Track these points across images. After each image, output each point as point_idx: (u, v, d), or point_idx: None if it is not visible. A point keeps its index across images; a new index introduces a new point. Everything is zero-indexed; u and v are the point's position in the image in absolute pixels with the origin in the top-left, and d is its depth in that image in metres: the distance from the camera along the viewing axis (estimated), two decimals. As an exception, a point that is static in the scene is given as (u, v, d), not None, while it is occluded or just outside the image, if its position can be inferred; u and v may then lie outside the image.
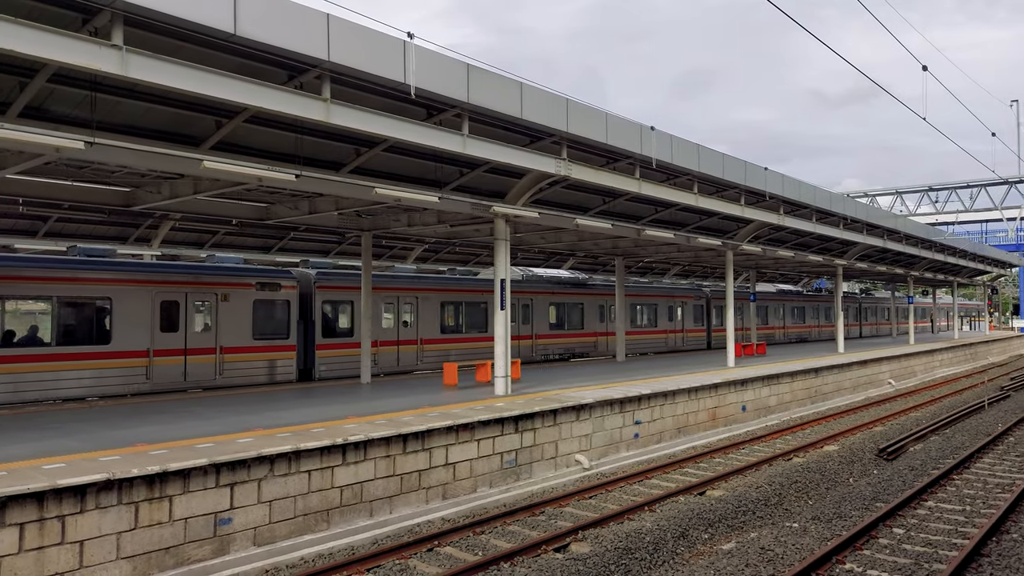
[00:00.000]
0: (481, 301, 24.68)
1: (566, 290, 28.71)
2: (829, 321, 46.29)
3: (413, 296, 22.59)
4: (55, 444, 9.61)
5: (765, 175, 19.02)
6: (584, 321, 29.18)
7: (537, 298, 27.08)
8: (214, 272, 18.38)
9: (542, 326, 27.28)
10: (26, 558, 7.19)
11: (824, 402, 23.17)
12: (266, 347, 18.89)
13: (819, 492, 12.37)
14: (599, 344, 29.83)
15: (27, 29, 7.07)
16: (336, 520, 9.73)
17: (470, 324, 24.53)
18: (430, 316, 23.18)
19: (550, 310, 27.73)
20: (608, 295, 29.59)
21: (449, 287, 24.09)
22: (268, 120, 11.09)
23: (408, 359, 22.33)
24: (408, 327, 22.51)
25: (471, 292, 24.54)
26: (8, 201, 14.72)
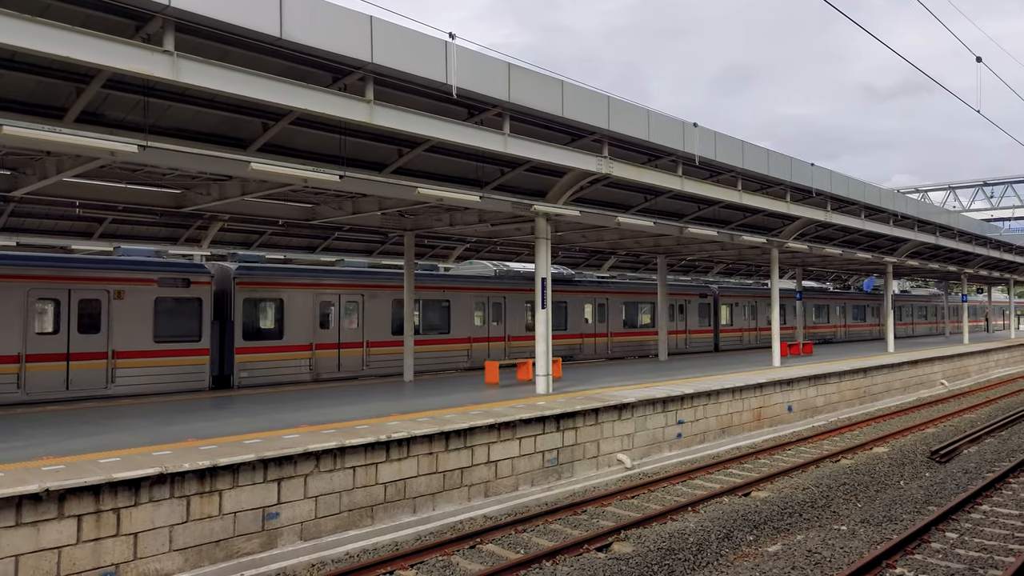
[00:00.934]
0: (443, 300, 22.77)
1: None
2: (857, 320, 44.29)
3: (358, 294, 20.61)
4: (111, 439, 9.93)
5: (812, 171, 18.67)
6: (568, 321, 26.73)
7: (512, 296, 25.01)
8: (105, 266, 16.53)
9: (517, 326, 25.07)
10: (84, 549, 7.44)
11: (873, 403, 22.64)
12: (171, 351, 16.90)
13: (868, 495, 12.10)
14: (585, 347, 27.42)
15: (84, 37, 7.32)
16: (380, 516, 9.85)
17: (428, 325, 22.51)
18: (378, 315, 20.97)
19: (527, 309, 25.48)
20: (597, 292, 27.98)
21: (400, 283, 21.12)
22: (313, 122, 11.29)
23: (351, 363, 20.23)
24: (356, 328, 20.53)
25: (430, 289, 22.45)
26: (65, 204, 15.23)
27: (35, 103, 9.68)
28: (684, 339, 31.80)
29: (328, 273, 20.51)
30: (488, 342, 24.06)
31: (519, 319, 25.10)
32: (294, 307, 19.18)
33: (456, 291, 23.02)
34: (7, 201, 14.79)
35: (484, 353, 23.49)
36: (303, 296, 19.37)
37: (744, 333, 35.50)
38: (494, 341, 24.24)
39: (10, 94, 9.48)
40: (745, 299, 35.97)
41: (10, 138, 8.46)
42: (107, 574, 7.55)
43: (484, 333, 24.03)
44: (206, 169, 11.79)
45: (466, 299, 23.34)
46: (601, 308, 28.24)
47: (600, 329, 28.14)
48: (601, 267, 31.66)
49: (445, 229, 18.52)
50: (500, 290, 24.55)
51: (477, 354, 23.40)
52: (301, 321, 19.21)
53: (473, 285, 23.77)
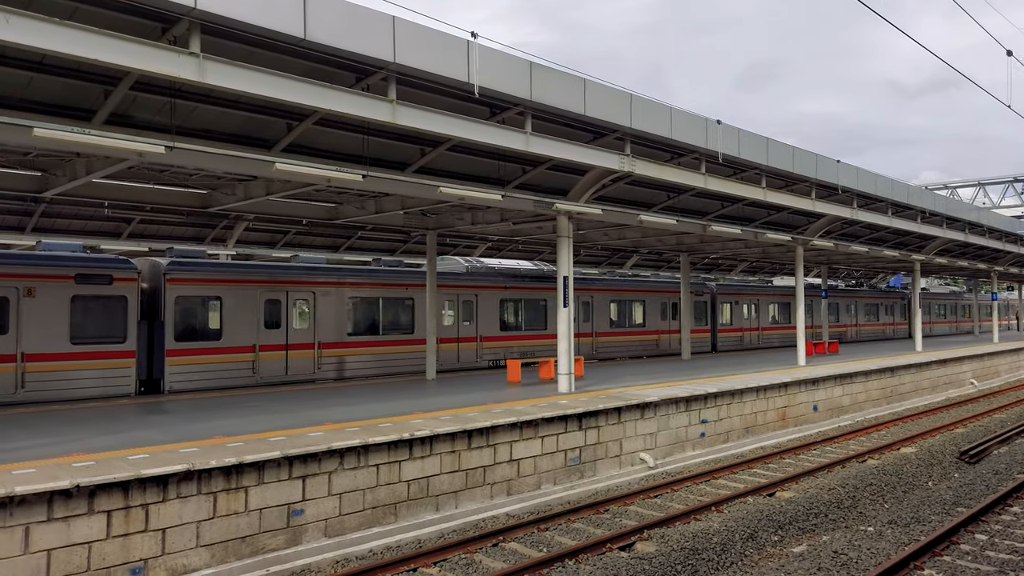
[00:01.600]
0: (406, 298, 21.26)
1: (524, 284, 24.65)
2: (870, 318, 42.32)
3: (309, 291, 19.25)
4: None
5: (837, 168, 18.45)
6: (548, 321, 24.94)
7: (485, 294, 23.29)
8: (13, 261, 15.29)
9: (489, 326, 23.38)
10: (113, 544, 7.56)
11: (901, 402, 22.32)
12: (91, 353, 15.60)
13: (896, 495, 11.94)
14: None
15: (112, 39, 7.43)
16: (403, 514, 9.91)
17: (391, 325, 20.92)
18: (333, 315, 19.65)
19: (502, 308, 23.97)
20: (581, 289, 26.14)
21: (358, 280, 20.30)
22: (336, 122, 11.36)
23: (301, 366, 18.88)
24: (307, 329, 19.14)
25: (392, 287, 21.05)
26: (95, 204, 15.47)
27: (64, 105, 9.84)
28: (678, 339, 29.52)
29: (275, 269, 19.15)
30: (458, 343, 22.47)
31: (492, 318, 23.36)
32: (235, 306, 17.76)
33: (422, 288, 20.92)
34: (38, 202, 15.07)
35: (453, 355, 22.20)
36: (246, 294, 18.00)
37: (745, 333, 33.70)
38: (465, 342, 22.65)
39: (40, 97, 9.65)
40: (747, 297, 34.02)
41: (41, 140, 8.61)
42: (136, 569, 7.67)
43: (453, 333, 22.43)
44: (231, 169, 11.92)
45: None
46: (585, 306, 26.48)
47: (584, 329, 26.22)
48: (623, 265, 31.54)
49: (467, 228, 18.56)
50: (471, 287, 22.91)
51: (445, 356, 21.83)
52: (243, 321, 17.81)
53: (442, 282, 21.73)
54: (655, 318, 29.14)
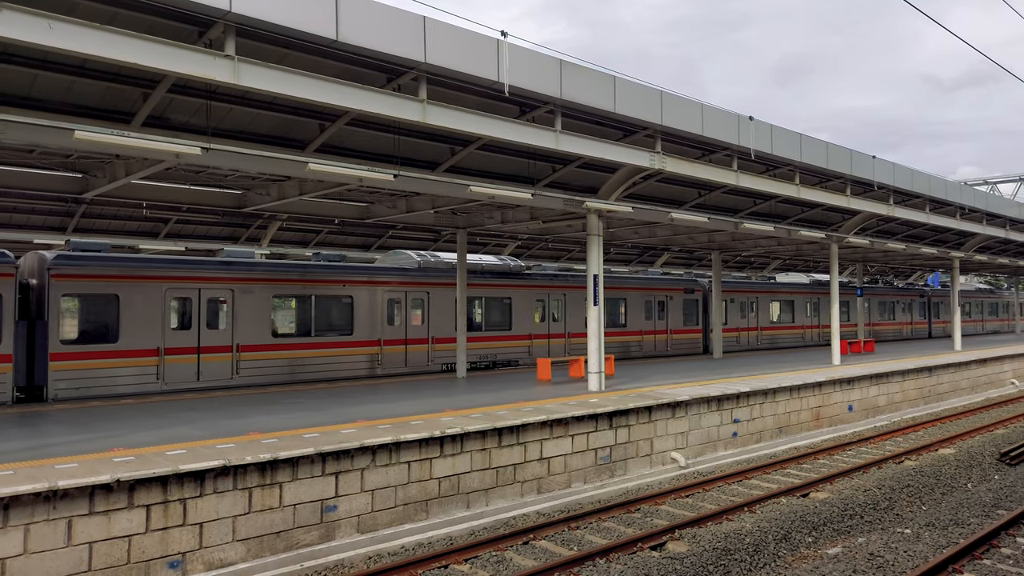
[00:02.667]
0: (344, 296, 19.34)
1: (486, 281, 22.40)
2: (886, 317, 39.68)
3: (227, 289, 17.30)
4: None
5: (873, 164, 18.15)
6: (512, 320, 22.88)
7: (438, 291, 21.15)
8: None
9: (444, 326, 21.19)
10: (152, 537, 7.73)
11: (939, 403, 21.88)
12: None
13: (934, 497, 11.72)
14: (535, 350, 23.31)
15: (150, 43, 7.59)
16: (435, 511, 9.97)
17: (325, 325, 19.02)
18: (254, 315, 17.69)
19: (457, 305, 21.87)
20: (554, 287, 24.14)
21: (286, 276, 18.46)
22: (368, 122, 11.48)
23: (215, 371, 16.98)
24: (224, 330, 17.22)
25: (327, 283, 19.10)
26: (133, 205, 15.81)
27: (104, 108, 10.08)
28: (665, 340, 27.70)
29: (186, 264, 17.23)
30: (406, 345, 20.41)
31: (446, 318, 21.21)
32: (135, 304, 15.87)
33: (362, 286, 19.62)
34: (79, 203, 15.44)
35: (399, 358, 20.23)
36: (147, 291, 16.13)
37: (742, 333, 30.90)
38: (414, 344, 20.62)
39: (81, 100, 9.90)
40: (745, 294, 31.28)
41: (81, 142, 8.83)
42: (174, 563, 7.83)
43: (400, 335, 20.32)
44: (266, 170, 12.09)
45: (375, 296, 19.83)
46: (558, 305, 24.48)
47: (556, 330, 24.22)
48: (654, 263, 31.36)
49: (497, 227, 18.60)
50: (422, 284, 20.82)
51: (390, 359, 20.02)
52: (145, 321, 15.95)
53: (386, 278, 20.17)
54: (637, 317, 26.83)
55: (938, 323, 44.20)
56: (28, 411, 12.91)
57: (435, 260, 21.65)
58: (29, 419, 11.76)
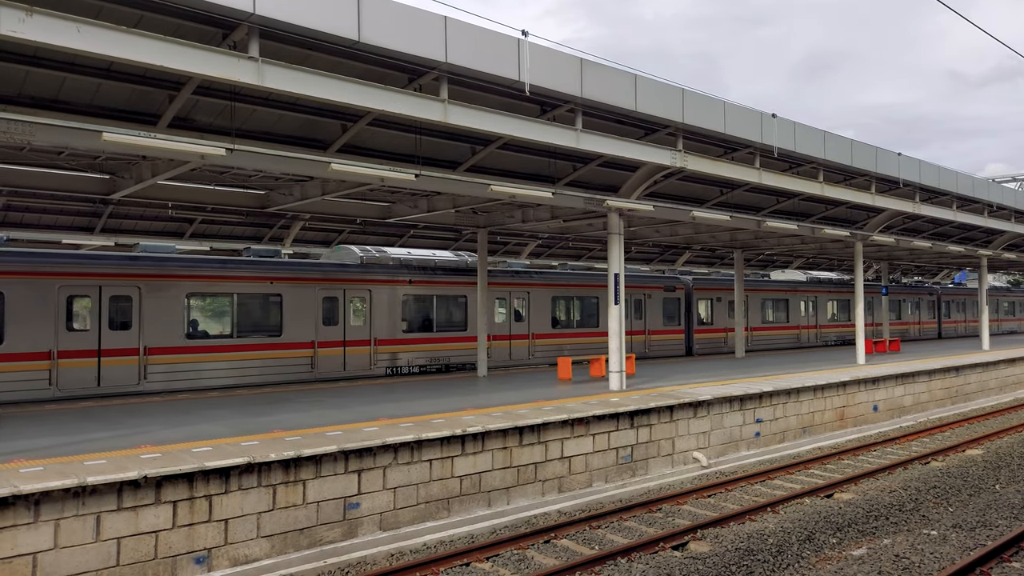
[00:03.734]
0: (272, 294, 17.87)
1: (437, 278, 20.91)
2: (891, 316, 36.26)
3: (133, 287, 16.04)
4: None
5: (898, 161, 17.92)
6: (469, 321, 21.31)
7: (380, 289, 19.65)
8: None
9: (387, 328, 19.67)
10: (179, 533, 7.84)
11: (966, 403, 21.56)
12: None
13: (961, 498, 11.55)
14: (494, 352, 21.55)
15: (175, 46, 7.70)
16: (456, 509, 10.01)
17: (250, 325, 17.59)
18: (164, 315, 16.26)
19: (405, 306, 20.25)
20: (516, 285, 22.51)
21: (203, 273, 17.05)
22: (389, 122, 11.54)
23: (118, 375, 15.60)
24: (131, 332, 15.86)
25: (254, 280, 17.74)
26: (158, 205, 16.03)
27: (131, 110, 10.24)
28: (643, 342, 25.91)
29: (83, 259, 15.89)
30: (343, 347, 18.84)
31: (391, 318, 19.77)
32: (24, 303, 14.61)
33: (293, 283, 18.11)
34: (106, 203, 15.69)
35: (336, 362, 18.69)
36: (38, 288, 14.84)
37: (729, 334, 29.03)
38: (354, 346, 19.02)
39: (108, 102, 10.06)
40: (730, 293, 29.17)
41: (109, 144, 8.97)
42: (200, 558, 7.94)
43: (337, 336, 18.78)
44: (289, 170, 12.21)
45: (308, 293, 18.31)
46: (521, 304, 22.89)
47: (519, 330, 22.62)
48: (675, 263, 31.19)
49: (517, 226, 18.61)
50: (364, 281, 19.35)
51: (325, 363, 18.50)
52: (35, 322, 14.67)
53: (322, 275, 18.73)
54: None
55: (949, 323, 42.13)
56: (51, 409, 13.14)
57: (380, 255, 20.23)
58: (56, 416, 11.97)
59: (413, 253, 21.14)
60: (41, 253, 15.71)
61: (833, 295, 34.63)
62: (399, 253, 20.84)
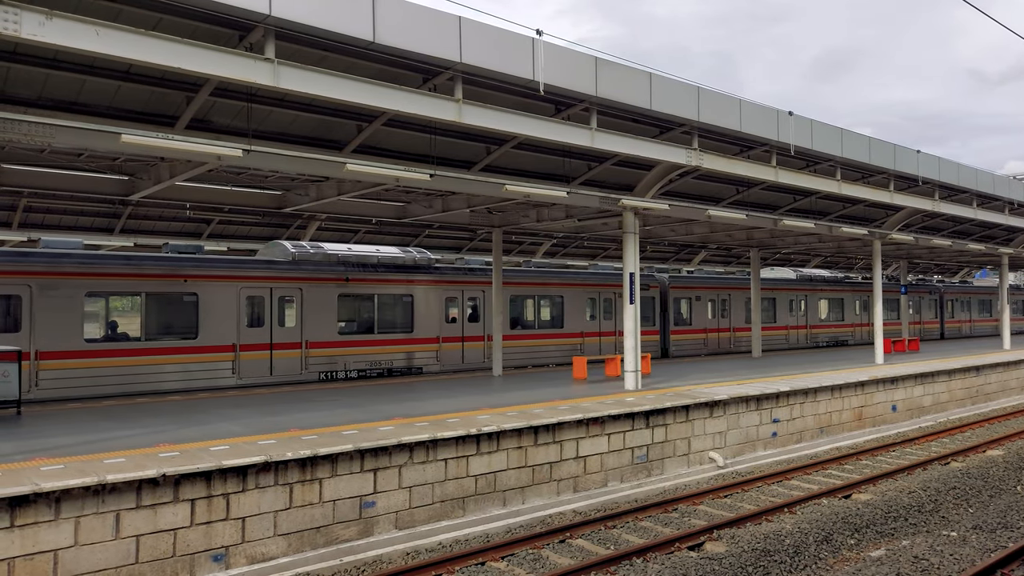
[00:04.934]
0: (186, 292, 16.53)
1: (378, 276, 19.63)
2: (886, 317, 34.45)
3: (23, 285, 14.80)
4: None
5: (917, 158, 17.74)
6: (415, 321, 20.14)
7: (313, 288, 18.34)
8: None
9: (320, 330, 18.38)
10: (196, 531, 7.91)
11: (987, 403, 21.31)
12: None
13: (981, 500, 11.42)
14: (444, 355, 20.60)
15: (193, 48, 7.76)
16: (471, 508, 10.03)
17: (161, 328, 16.26)
18: (58, 317, 14.96)
19: (342, 305, 18.90)
20: (469, 283, 21.28)
21: (104, 270, 15.64)
22: (404, 122, 11.58)
23: None
24: (22, 334, 14.62)
25: (167, 278, 16.26)
26: (177, 206, 16.19)
27: (149, 112, 10.35)
28: (612, 343, 24.57)
29: None
30: (270, 350, 17.62)
31: (326, 319, 18.50)
32: None
33: (211, 281, 16.86)
34: (125, 204, 15.86)
35: (261, 366, 17.46)
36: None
37: (708, 335, 28.15)
38: (282, 349, 17.79)
39: (127, 104, 10.17)
40: (712, 291, 28.30)
41: (128, 145, 9.07)
42: (218, 556, 8.00)
43: (263, 338, 17.54)
44: (305, 171, 12.28)
45: (228, 292, 17.01)
46: (477, 303, 21.65)
47: (473, 332, 21.46)
48: (691, 261, 31.05)
49: (532, 225, 18.62)
50: (294, 280, 18.04)
51: (249, 368, 17.24)
52: None
53: (242, 272, 17.35)
54: (577, 318, 23.78)
55: (952, 323, 40.41)
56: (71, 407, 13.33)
57: (314, 252, 18.84)
58: (76, 414, 12.11)
59: (354, 249, 19.81)
60: None
61: (826, 293, 33.15)
62: (338, 249, 19.47)
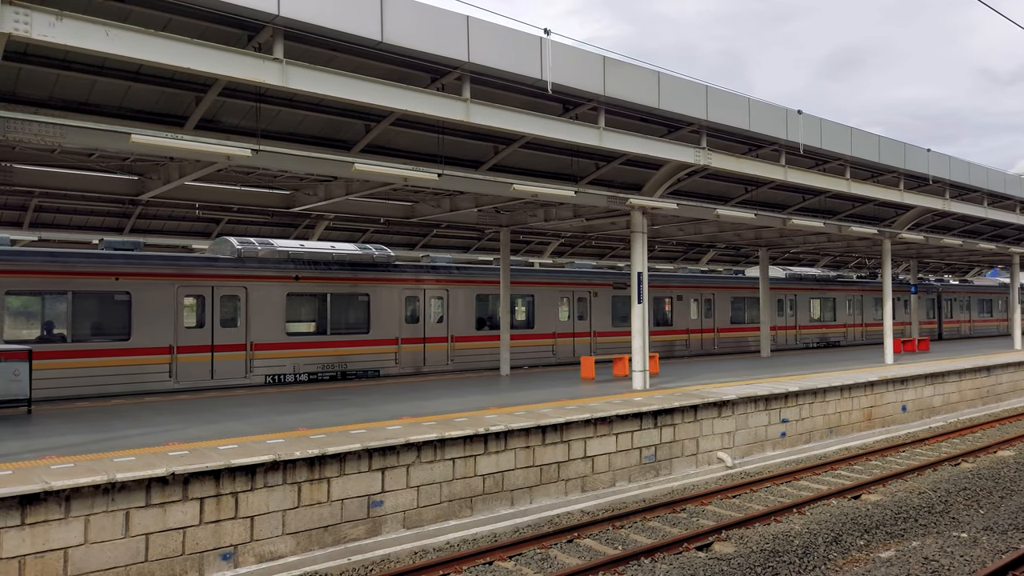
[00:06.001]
0: (117, 291, 15.66)
1: (331, 274, 18.65)
2: (879, 317, 34.13)
3: None
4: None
5: (928, 157, 17.64)
6: (372, 322, 19.20)
7: (259, 287, 17.37)
8: None
9: (267, 330, 17.41)
10: (206, 530, 7.95)
11: (998, 403, 21.18)
12: None
13: (992, 501, 11.34)
14: (404, 357, 19.71)
15: (203, 48, 7.79)
16: (479, 507, 10.03)
17: (93, 329, 15.44)
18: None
19: (291, 305, 17.91)
20: (432, 282, 20.50)
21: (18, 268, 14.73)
22: (412, 122, 11.60)
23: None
24: None
25: (94, 276, 15.38)
26: (186, 206, 16.25)
27: (159, 112, 10.39)
28: (588, 344, 23.66)
29: None
30: (211, 352, 16.68)
31: (272, 319, 17.56)
32: None
33: (144, 279, 15.97)
34: (135, 204, 15.94)
35: (202, 369, 16.57)
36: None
37: (691, 335, 27.13)
38: (224, 351, 16.86)
39: (137, 104, 10.22)
40: (691, 290, 27.19)
41: (138, 146, 9.10)
42: (226, 554, 8.04)
43: (204, 340, 16.59)
44: (314, 170, 12.31)
45: (164, 291, 16.11)
46: (439, 304, 20.74)
47: (436, 332, 20.54)
48: (699, 261, 30.97)
49: (540, 225, 18.61)
50: (238, 278, 17.07)
51: (188, 370, 16.36)
52: None
53: (179, 270, 16.38)
54: (548, 318, 22.83)
55: (951, 323, 39.10)
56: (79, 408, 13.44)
57: (262, 248, 17.88)
58: (86, 413, 12.18)
59: (306, 246, 18.86)
60: None
61: (816, 292, 32.02)
62: (289, 245, 18.50)
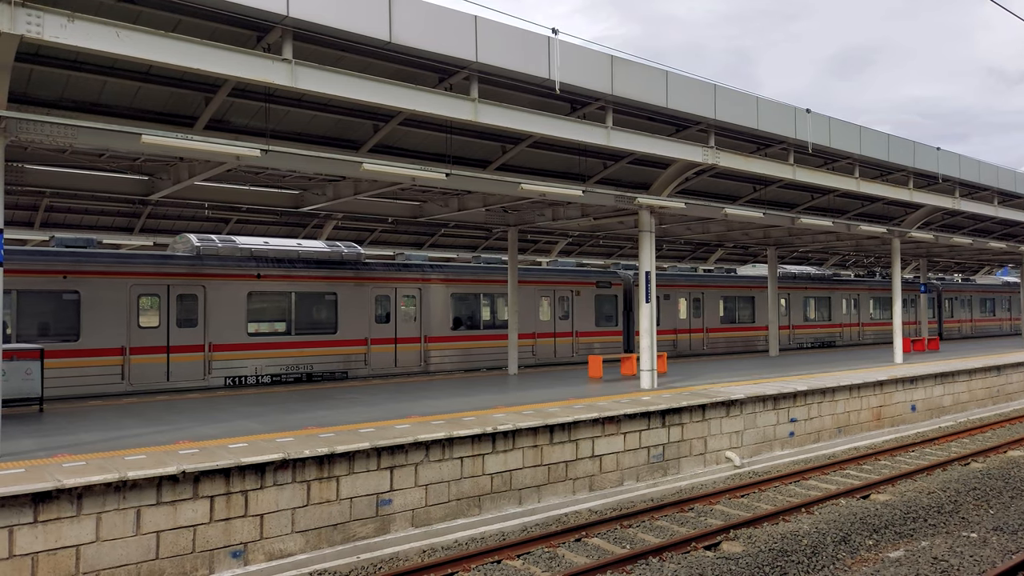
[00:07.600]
0: (67, 290, 15.21)
1: (297, 272, 18.09)
2: (876, 316, 33.65)
3: None
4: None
5: (937, 156, 17.56)
6: (340, 323, 18.71)
7: (216, 285, 16.82)
8: None
9: (227, 331, 16.95)
10: (215, 527, 8.00)
11: (1008, 403, 21.06)
12: None
13: (1002, 501, 11.29)
14: (373, 358, 19.17)
15: (212, 49, 7.84)
16: (487, 506, 10.06)
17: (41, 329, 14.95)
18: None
19: (252, 304, 17.40)
20: (404, 280, 19.95)
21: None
22: (420, 122, 11.63)
23: None
24: None
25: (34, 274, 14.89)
26: (196, 206, 16.34)
27: (169, 113, 10.46)
28: (569, 345, 23.26)
29: None
30: (167, 353, 16.23)
31: (233, 319, 17.04)
32: None
33: (94, 278, 15.51)
34: (145, 204, 16.03)
35: (157, 370, 16.06)
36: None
37: (679, 336, 26.42)
38: (181, 352, 16.41)
39: (147, 105, 10.28)
40: (682, 289, 26.47)
41: (148, 146, 9.17)
42: (236, 552, 8.09)
43: (159, 340, 16.12)
44: (322, 170, 12.35)
45: (116, 290, 15.68)
46: (411, 303, 20.22)
47: (408, 333, 20.08)
48: (707, 260, 30.91)
49: (548, 224, 18.61)
50: (196, 276, 16.58)
51: (142, 372, 15.89)
52: None
53: (132, 269, 15.91)
54: (528, 318, 22.44)
55: (952, 323, 38.22)
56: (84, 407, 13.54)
57: (223, 245, 17.31)
58: (97, 412, 12.27)
59: (270, 243, 18.33)
60: None
61: (810, 292, 31.18)
62: (252, 243, 17.97)
